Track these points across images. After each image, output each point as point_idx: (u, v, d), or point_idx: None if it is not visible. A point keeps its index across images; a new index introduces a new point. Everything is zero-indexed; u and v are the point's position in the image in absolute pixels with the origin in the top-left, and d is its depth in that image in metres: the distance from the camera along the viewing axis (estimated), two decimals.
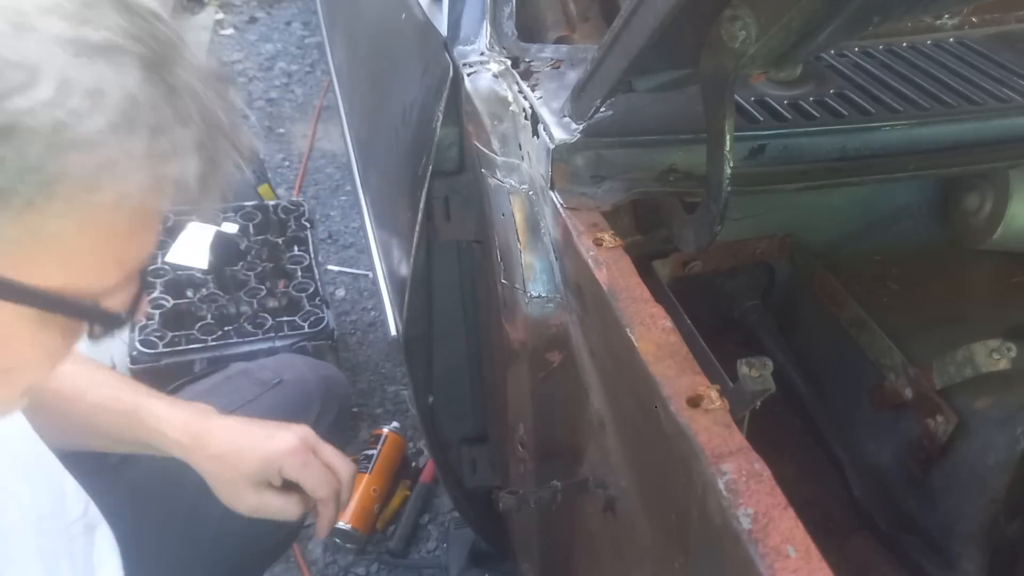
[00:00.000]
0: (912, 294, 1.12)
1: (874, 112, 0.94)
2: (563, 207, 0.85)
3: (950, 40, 1.11)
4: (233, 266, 1.85)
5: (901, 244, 1.19)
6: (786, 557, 0.52)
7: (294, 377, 1.19)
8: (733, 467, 0.57)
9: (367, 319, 2.28)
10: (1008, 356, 0.95)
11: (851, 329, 1.12)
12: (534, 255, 0.93)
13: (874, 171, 0.92)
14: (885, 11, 0.65)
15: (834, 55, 1.06)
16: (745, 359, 0.65)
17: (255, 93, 3.37)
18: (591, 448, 0.87)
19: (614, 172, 0.86)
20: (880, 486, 1.10)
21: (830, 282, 1.16)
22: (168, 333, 1.69)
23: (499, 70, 1.02)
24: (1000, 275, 1.15)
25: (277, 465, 0.94)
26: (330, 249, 2.51)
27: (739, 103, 0.92)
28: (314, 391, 1.18)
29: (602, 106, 0.83)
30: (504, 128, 0.96)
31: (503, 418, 1.13)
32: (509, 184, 0.95)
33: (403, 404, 2.02)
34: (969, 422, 0.96)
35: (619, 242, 0.80)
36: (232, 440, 0.95)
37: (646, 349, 0.67)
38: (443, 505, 1.80)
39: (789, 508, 0.55)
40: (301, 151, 2.99)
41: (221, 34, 3.84)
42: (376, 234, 1.67)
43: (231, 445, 0.94)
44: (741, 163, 0.86)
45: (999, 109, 0.96)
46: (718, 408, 0.62)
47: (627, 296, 0.73)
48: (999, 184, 1.06)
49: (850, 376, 1.14)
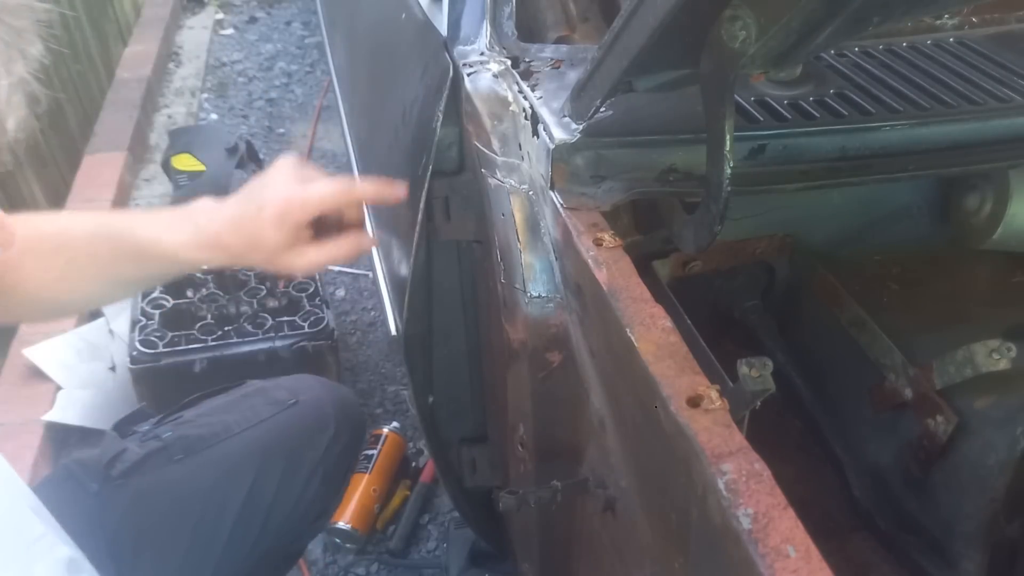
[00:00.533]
0: (912, 294, 1.12)
1: (874, 112, 0.94)
2: (563, 207, 0.85)
3: (950, 40, 1.11)
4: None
5: (901, 244, 1.19)
6: (786, 557, 0.52)
7: (310, 399, 1.18)
8: (733, 467, 0.57)
9: (367, 319, 2.28)
10: (1008, 356, 0.95)
11: (851, 329, 1.12)
12: (534, 255, 0.93)
13: (874, 171, 0.92)
14: (885, 11, 0.65)
15: (834, 55, 1.06)
16: (745, 359, 0.65)
17: (255, 93, 3.37)
18: (591, 448, 0.87)
19: (614, 172, 0.86)
20: (880, 486, 1.10)
21: (830, 282, 1.16)
22: (168, 333, 1.69)
23: (499, 70, 1.02)
24: (1000, 275, 1.15)
25: (291, 220, 0.88)
26: None
27: (739, 103, 0.92)
28: (329, 414, 1.17)
29: (602, 106, 0.83)
30: (504, 128, 0.96)
31: (503, 418, 1.13)
32: (509, 184, 0.95)
33: (403, 404, 2.02)
34: (969, 422, 0.96)
35: (619, 242, 0.80)
36: (235, 229, 0.89)
37: (646, 349, 0.67)
38: (443, 505, 1.80)
39: (789, 508, 0.55)
40: (301, 151, 2.99)
41: (221, 34, 3.84)
42: (376, 234, 1.67)
43: (239, 236, 0.89)
44: (741, 163, 0.86)
45: (999, 109, 0.96)
46: (718, 408, 0.62)
47: (627, 296, 0.73)
48: (999, 184, 1.06)
49: (850, 376, 1.14)
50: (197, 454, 1.08)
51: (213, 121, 3.21)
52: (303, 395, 1.18)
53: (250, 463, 1.08)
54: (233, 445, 1.10)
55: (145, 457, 1.06)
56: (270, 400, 1.17)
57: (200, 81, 3.45)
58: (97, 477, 1.03)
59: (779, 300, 1.27)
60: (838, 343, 1.14)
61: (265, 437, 1.11)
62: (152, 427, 1.12)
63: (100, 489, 1.02)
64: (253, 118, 3.22)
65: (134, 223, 0.91)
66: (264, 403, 1.16)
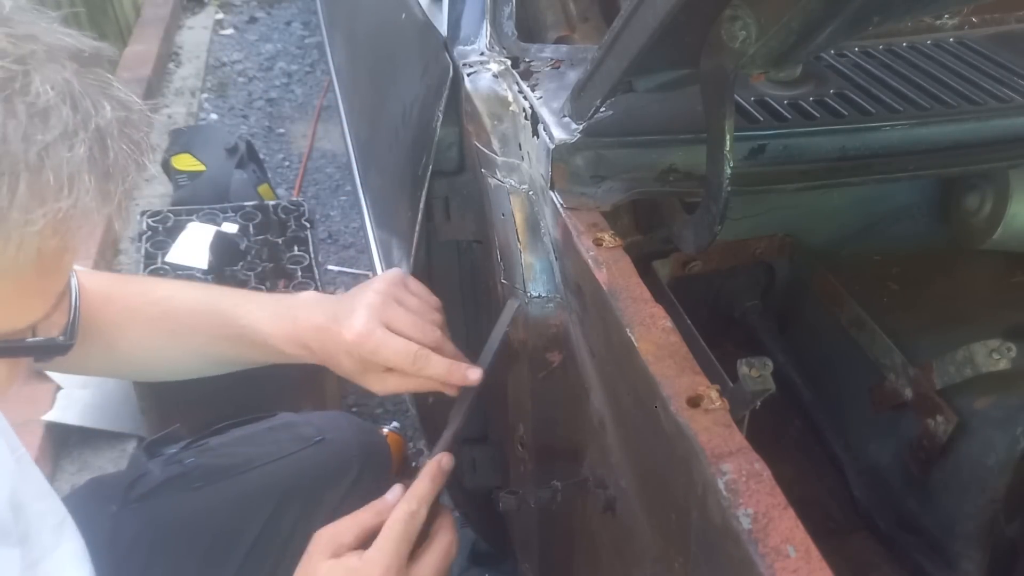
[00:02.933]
0: (912, 294, 1.12)
1: (874, 112, 0.94)
2: (563, 207, 0.85)
3: (950, 40, 1.11)
4: (233, 266, 1.85)
5: (901, 244, 1.19)
6: (786, 557, 0.52)
7: (336, 438, 1.16)
8: (733, 467, 0.57)
9: None
10: (1008, 356, 0.95)
11: (851, 329, 1.12)
12: (534, 255, 0.93)
13: (874, 171, 0.92)
14: (885, 11, 0.65)
15: (834, 55, 1.06)
16: (745, 359, 0.65)
17: (255, 93, 3.37)
18: (591, 448, 0.87)
19: (614, 172, 0.86)
20: (880, 486, 1.10)
21: (830, 282, 1.16)
22: None
23: (499, 70, 1.02)
24: (1000, 275, 1.15)
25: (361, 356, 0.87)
26: (330, 249, 2.51)
27: (739, 103, 0.92)
28: (355, 456, 1.15)
29: (602, 106, 0.83)
30: (504, 128, 0.96)
31: (503, 418, 1.13)
32: (509, 184, 0.95)
33: (403, 404, 2.02)
34: (969, 422, 0.96)
35: (619, 242, 0.80)
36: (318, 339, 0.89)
37: (646, 349, 0.67)
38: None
39: (789, 508, 0.55)
40: (301, 151, 2.99)
41: (221, 34, 3.84)
42: (376, 234, 1.67)
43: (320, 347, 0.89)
44: (741, 163, 0.86)
45: (999, 109, 0.96)
46: (718, 408, 0.62)
47: (627, 296, 0.73)
48: (999, 184, 1.06)
49: (850, 376, 1.14)
50: (216, 484, 1.07)
51: (213, 121, 3.21)
52: (330, 434, 1.16)
53: (268, 498, 1.07)
54: (253, 478, 1.08)
55: (165, 482, 1.06)
56: (296, 436, 1.15)
57: (200, 81, 3.45)
58: (117, 498, 1.04)
59: (779, 300, 1.27)
60: (838, 343, 1.14)
61: (285, 473, 1.10)
62: (178, 451, 1.12)
63: (119, 510, 1.03)
64: (253, 118, 3.22)
65: (238, 304, 0.92)
66: (289, 438, 1.15)
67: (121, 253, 2.45)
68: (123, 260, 2.37)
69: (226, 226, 1.93)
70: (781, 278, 1.26)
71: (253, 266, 1.87)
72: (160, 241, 1.86)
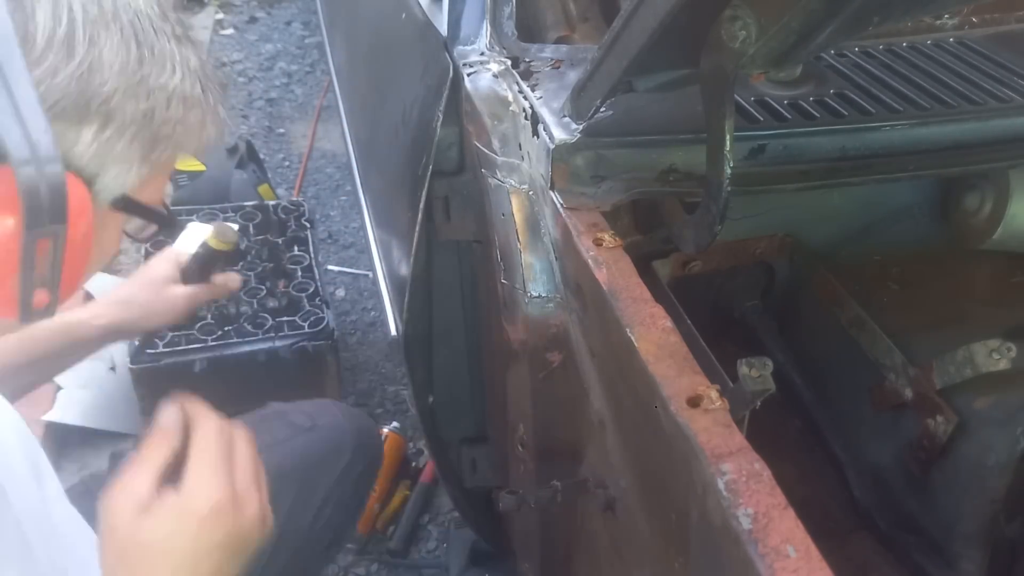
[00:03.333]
0: (912, 294, 1.12)
1: (874, 112, 0.94)
2: (563, 207, 0.85)
3: (950, 40, 1.11)
4: (233, 266, 1.85)
5: (901, 244, 1.19)
6: (786, 557, 0.52)
7: (328, 424, 1.18)
8: (733, 467, 0.57)
9: (367, 319, 2.27)
10: (1008, 356, 0.95)
11: (851, 329, 1.12)
12: (534, 255, 0.93)
13: (874, 171, 0.92)
14: (885, 11, 0.65)
15: (834, 55, 1.06)
16: (745, 359, 0.65)
17: (255, 93, 3.37)
18: (591, 448, 0.87)
19: (614, 172, 0.86)
20: (880, 486, 1.10)
21: (830, 282, 1.16)
22: (168, 333, 1.69)
23: (499, 70, 1.02)
24: (1000, 275, 1.15)
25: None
26: (330, 249, 2.51)
27: (739, 103, 0.92)
28: (347, 441, 1.17)
29: (602, 106, 0.83)
30: (504, 128, 0.96)
31: (503, 418, 1.13)
32: (509, 184, 0.95)
33: (403, 404, 2.02)
34: (969, 422, 0.96)
35: (619, 242, 0.80)
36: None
37: (646, 349, 0.67)
38: (443, 505, 1.80)
39: (789, 508, 0.55)
40: (301, 151, 2.99)
41: (221, 34, 3.84)
42: (376, 234, 1.67)
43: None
44: (741, 163, 0.86)
45: (999, 109, 0.96)
46: (718, 408, 0.62)
47: (627, 296, 0.73)
48: (999, 184, 1.06)
49: (850, 376, 1.14)
50: None
51: None
52: (321, 420, 1.18)
53: None
54: None
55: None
56: (287, 423, 1.16)
57: None
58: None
59: (779, 300, 1.27)
60: (838, 343, 1.14)
61: (279, 460, 1.10)
62: None
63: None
64: (253, 118, 3.22)
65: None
66: (281, 426, 1.16)
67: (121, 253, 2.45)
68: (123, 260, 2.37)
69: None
70: (781, 278, 1.26)
71: (253, 266, 1.87)
72: (160, 241, 1.86)
